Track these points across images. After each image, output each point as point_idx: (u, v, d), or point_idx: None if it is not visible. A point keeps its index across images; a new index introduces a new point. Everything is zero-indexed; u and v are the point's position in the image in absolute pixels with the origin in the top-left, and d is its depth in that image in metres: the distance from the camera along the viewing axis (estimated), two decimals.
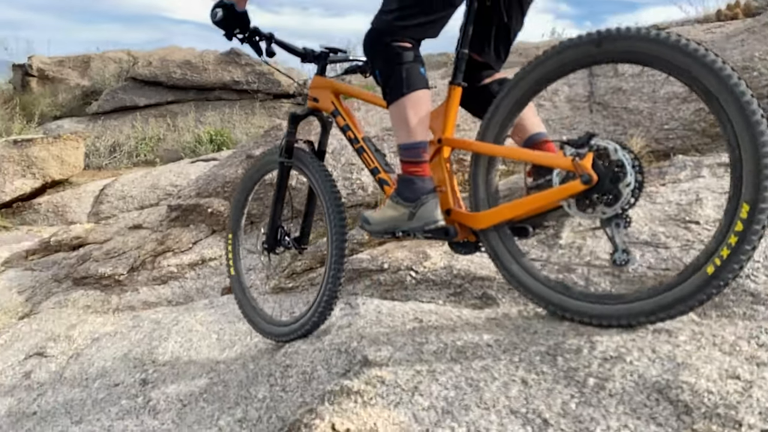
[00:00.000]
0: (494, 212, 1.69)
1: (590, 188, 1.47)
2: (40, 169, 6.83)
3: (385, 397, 1.49)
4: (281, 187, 2.32)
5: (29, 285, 4.33)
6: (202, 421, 1.86)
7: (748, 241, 1.31)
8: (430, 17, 1.70)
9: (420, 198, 1.71)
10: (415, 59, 1.74)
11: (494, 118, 1.70)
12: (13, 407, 2.60)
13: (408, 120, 1.72)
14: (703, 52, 1.34)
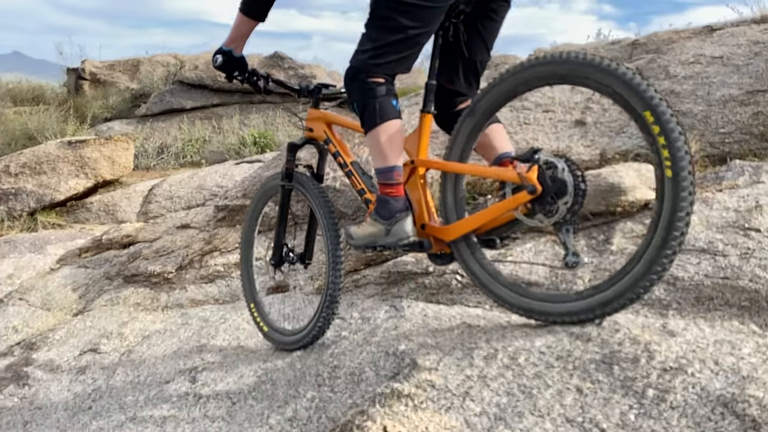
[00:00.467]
0: (461, 224, 1.87)
1: (536, 197, 1.62)
2: (93, 169, 7.07)
3: (436, 401, 1.49)
4: (284, 208, 2.50)
5: (83, 282, 4.47)
6: (252, 419, 1.89)
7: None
8: (400, 55, 1.88)
9: (394, 216, 1.89)
10: (388, 93, 1.91)
11: (457, 140, 1.89)
12: (69, 402, 2.70)
13: (382, 147, 1.89)
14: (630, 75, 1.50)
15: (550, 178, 1.62)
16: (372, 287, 2.95)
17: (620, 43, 5.06)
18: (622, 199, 2.62)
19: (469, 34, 1.95)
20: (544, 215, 1.65)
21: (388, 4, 1.84)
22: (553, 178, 1.61)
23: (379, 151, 1.91)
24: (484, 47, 2.01)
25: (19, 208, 6.65)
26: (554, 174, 1.61)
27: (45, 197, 6.76)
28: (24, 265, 5.01)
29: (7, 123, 9.22)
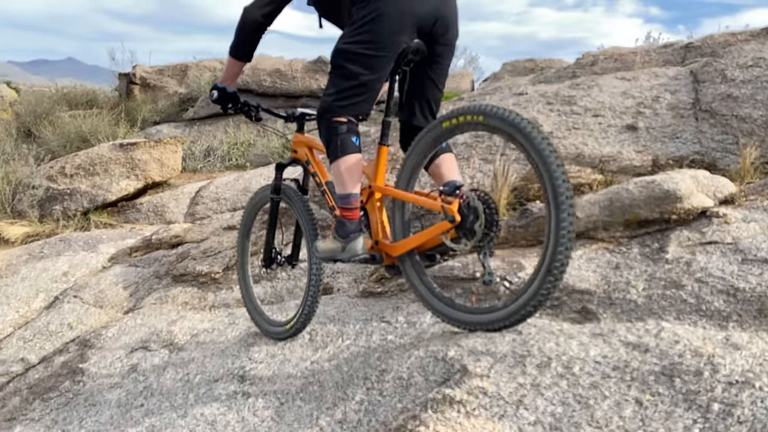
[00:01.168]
0: (404, 243, 2.19)
1: (457, 225, 1.92)
2: (143, 171, 7.28)
3: (489, 408, 1.47)
4: (273, 217, 2.88)
5: (133, 281, 4.60)
6: (301, 419, 1.90)
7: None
8: (357, 99, 2.20)
9: (349, 236, 2.22)
10: (349, 131, 2.22)
11: (403, 173, 2.21)
12: (122, 398, 2.77)
13: (342, 177, 2.21)
14: (520, 121, 1.82)
15: (468, 210, 1.91)
16: None
17: (672, 47, 4.94)
18: (678, 206, 2.55)
19: (420, 78, 2.28)
20: (466, 240, 1.94)
21: (342, 55, 2.18)
22: (470, 211, 1.91)
23: (339, 180, 2.22)
24: (435, 87, 2.35)
25: (74, 208, 6.90)
26: (471, 207, 1.91)
27: (98, 197, 7.00)
28: (78, 263, 5.18)
29: (62, 126, 9.58)
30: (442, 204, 1.98)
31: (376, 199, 2.32)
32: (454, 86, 10.68)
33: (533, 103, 4.19)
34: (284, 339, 2.70)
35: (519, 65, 9.82)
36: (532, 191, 3.43)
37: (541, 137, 1.77)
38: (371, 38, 2.10)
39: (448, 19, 2.20)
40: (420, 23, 2.13)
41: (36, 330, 4.07)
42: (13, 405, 3.15)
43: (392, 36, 2.09)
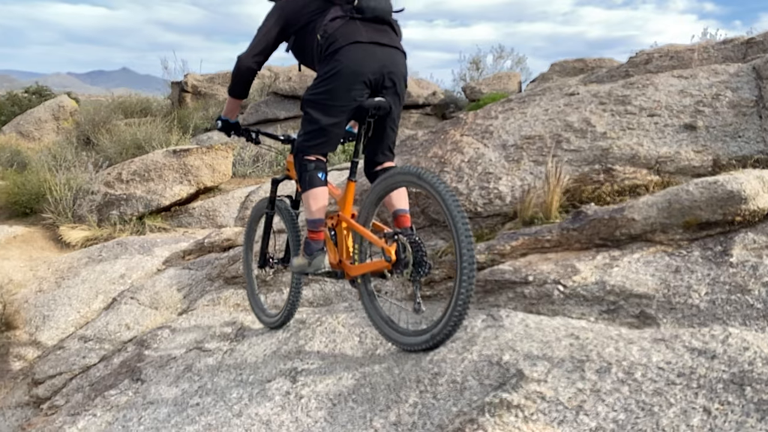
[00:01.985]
0: (358, 267, 2.63)
1: (393, 263, 2.36)
2: (195, 177, 7.48)
3: (547, 413, 1.44)
4: (267, 227, 3.31)
5: (186, 283, 4.72)
6: (354, 421, 1.91)
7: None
8: (321, 140, 2.64)
9: (314, 254, 2.67)
10: (316, 168, 2.67)
11: (362, 210, 2.65)
12: (178, 397, 2.84)
13: (309, 206, 2.66)
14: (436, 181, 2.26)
15: (403, 253, 2.34)
16: None
17: (732, 43, 4.75)
18: (743, 207, 2.45)
19: (382, 126, 2.70)
20: (399, 275, 2.38)
21: (307, 104, 2.63)
22: (403, 253, 2.34)
23: (307, 208, 2.68)
24: (392, 130, 2.77)
25: (130, 213, 7.14)
26: (404, 250, 2.34)
27: (152, 202, 7.22)
28: (134, 266, 5.36)
29: (119, 134, 9.94)
30: (383, 246, 2.41)
31: (344, 227, 2.73)
32: (501, 88, 10.56)
33: (585, 104, 4.09)
34: (275, 328, 3.27)
35: (568, 65, 9.63)
36: (586, 193, 3.35)
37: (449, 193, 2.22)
38: (329, 90, 2.55)
39: (395, 74, 2.60)
40: (370, 78, 2.54)
41: (96, 330, 4.22)
42: (76, 401, 3.27)
43: (346, 89, 2.53)
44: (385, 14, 2.65)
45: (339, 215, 2.75)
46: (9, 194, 7.92)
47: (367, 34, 2.57)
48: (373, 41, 2.56)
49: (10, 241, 6.82)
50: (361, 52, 2.52)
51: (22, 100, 15.46)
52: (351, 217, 2.71)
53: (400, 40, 2.72)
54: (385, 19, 2.66)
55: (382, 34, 2.62)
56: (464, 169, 3.91)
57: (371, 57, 2.53)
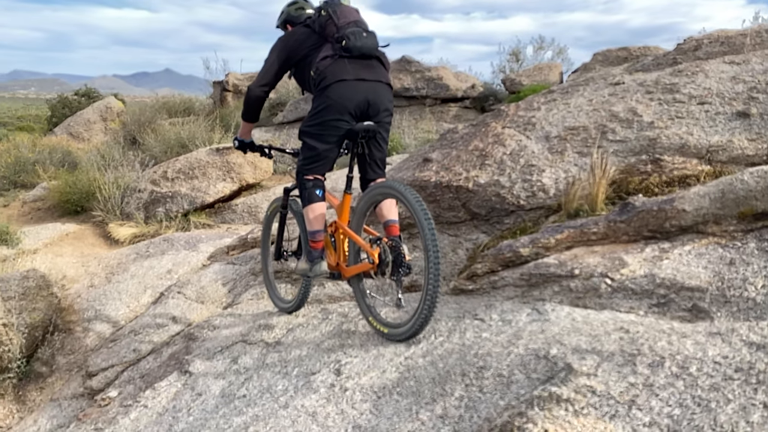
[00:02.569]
0: (352, 268, 3.00)
1: (376, 265, 2.75)
2: (237, 174, 7.62)
3: (599, 408, 1.41)
4: (282, 224, 3.69)
5: (231, 278, 4.81)
6: (400, 413, 1.91)
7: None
8: (318, 164, 3.04)
9: (314, 260, 3.06)
10: (314, 186, 3.05)
11: (354, 218, 3.05)
12: (225, 389, 2.89)
13: (309, 219, 3.06)
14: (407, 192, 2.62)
15: (384, 256, 2.72)
16: (511, 289, 2.88)
17: None
18: None
19: (371, 146, 3.06)
20: (381, 275, 2.75)
21: (304, 134, 3.05)
22: (385, 256, 2.72)
23: (308, 221, 3.07)
24: (381, 149, 3.11)
25: (175, 210, 7.32)
26: (385, 253, 2.71)
27: (197, 199, 7.38)
28: (180, 261, 5.49)
29: (163, 133, 10.19)
30: (368, 250, 2.82)
31: (340, 233, 3.11)
32: (542, 79, 10.38)
33: (631, 93, 3.99)
34: (289, 312, 3.63)
35: (611, 54, 9.38)
36: (633, 184, 3.26)
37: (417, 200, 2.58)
38: (320, 122, 2.95)
39: (378, 103, 2.96)
40: (356, 108, 2.92)
41: (145, 323, 4.35)
42: (128, 392, 3.38)
43: (335, 120, 2.91)
44: (370, 51, 2.99)
45: (336, 223, 3.14)
46: (61, 193, 8.22)
47: (354, 71, 2.93)
48: (358, 78, 2.92)
49: (62, 238, 7.09)
50: (347, 89, 2.90)
51: (72, 103, 16.02)
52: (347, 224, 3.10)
53: (387, 71, 3.11)
54: (372, 55, 3.01)
55: (367, 69, 2.97)
56: (506, 162, 3.86)
57: (355, 92, 2.91)
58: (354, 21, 3.04)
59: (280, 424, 2.20)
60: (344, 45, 2.92)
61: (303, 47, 3.08)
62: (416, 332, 2.57)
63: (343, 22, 3.00)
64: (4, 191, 9.72)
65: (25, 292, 4.27)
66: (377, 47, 3.05)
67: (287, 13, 3.39)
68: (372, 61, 3.02)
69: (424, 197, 4.22)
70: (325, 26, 3.03)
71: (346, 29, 2.97)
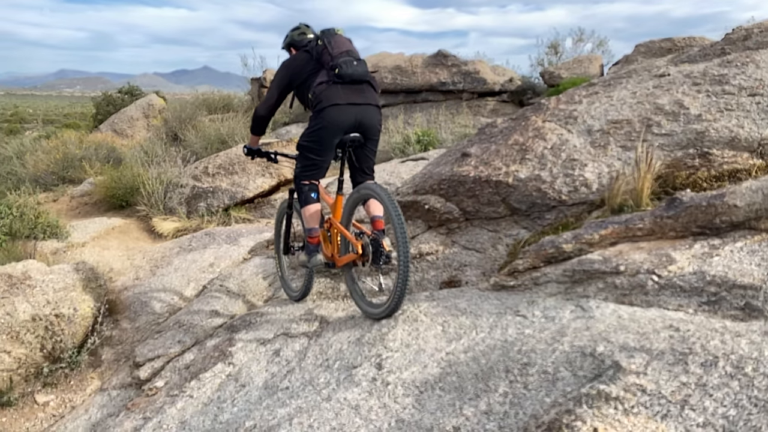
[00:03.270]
0: (342, 258, 3.42)
1: (360, 255, 3.20)
2: (276, 169, 7.71)
3: (649, 407, 1.38)
4: (288, 222, 4.12)
5: (271, 271, 4.89)
6: (443, 408, 1.91)
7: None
8: (313, 171, 3.49)
9: (311, 253, 3.52)
10: (309, 189, 3.50)
11: (343, 215, 3.50)
12: (268, 381, 2.95)
13: (305, 218, 3.52)
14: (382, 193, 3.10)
15: (366, 248, 3.18)
16: (553, 285, 2.85)
17: None
18: None
19: (359, 155, 3.51)
20: (363, 264, 3.22)
21: (302, 147, 3.47)
22: (365, 248, 3.18)
23: (305, 220, 3.54)
24: (368, 158, 3.56)
25: (216, 204, 7.45)
26: (366, 246, 3.18)
27: (237, 194, 7.51)
28: (222, 255, 5.60)
29: (203, 129, 10.39)
30: (353, 242, 3.27)
31: (334, 229, 3.53)
32: (582, 72, 10.18)
33: (677, 85, 3.88)
34: (297, 300, 4.07)
35: (654, 46, 9.14)
36: (679, 179, 3.18)
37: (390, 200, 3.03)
38: (316, 139, 3.37)
39: (366, 123, 3.37)
40: (346, 128, 3.33)
41: (189, 315, 4.45)
42: (174, 383, 3.47)
43: (328, 138, 3.34)
44: (360, 77, 3.36)
45: (330, 219, 3.59)
46: (107, 188, 8.47)
47: (345, 95, 3.32)
48: (349, 102, 3.32)
49: (109, 232, 7.31)
50: (339, 112, 3.30)
51: (116, 100, 16.47)
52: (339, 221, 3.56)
53: (376, 93, 3.50)
54: (362, 80, 3.37)
55: (357, 93, 3.35)
56: (547, 156, 3.81)
57: (347, 115, 3.31)
58: (346, 51, 3.42)
59: (324, 416, 2.23)
60: (337, 73, 3.31)
61: (303, 72, 3.51)
62: (392, 311, 3.06)
63: (336, 52, 3.39)
64: (53, 186, 10.08)
65: (75, 284, 4.42)
66: (367, 73, 3.41)
67: (291, 37, 3.77)
68: (362, 85, 3.39)
69: (463, 192, 4.20)
70: (321, 54, 3.43)
71: (339, 58, 3.35)
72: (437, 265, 4.12)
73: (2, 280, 4.22)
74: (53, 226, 6.57)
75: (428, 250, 4.36)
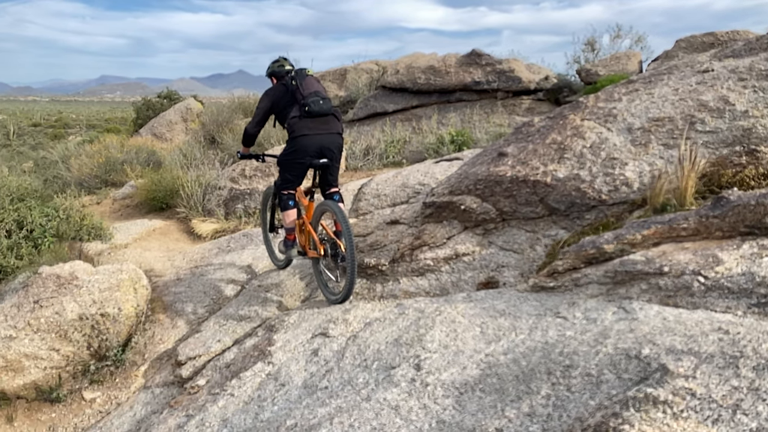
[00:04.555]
0: (311, 253, 4.39)
1: (321, 253, 4.16)
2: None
3: (699, 411, 1.35)
4: (273, 207, 5.05)
5: (307, 272, 4.94)
6: (484, 410, 1.90)
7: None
8: (290, 184, 4.42)
9: (288, 247, 4.49)
10: (288, 197, 4.43)
11: (313, 218, 4.38)
12: (307, 380, 2.98)
13: (284, 220, 4.44)
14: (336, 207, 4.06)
15: (325, 250, 4.13)
16: (594, 287, 2.80)
17: None
18: None
19: (325, 173, 4.43)
20: (325, 260, 4.17)
21: (281, 165, 4.42)
22: (326, 248, 4.12)
23: (284, 221, 4.46)
24: (333, 173, 4.46)
25: (253, 206, 7.56)
26: (326, 248, 4.12)
27: None
28: (259, 256, 5.67)
29: (240, 132, 10.53)
30: (317, 243, 4.22)
31: (307, 228, 4.41)
32: (620, 69, 9.99)
33: (721, 80, 3.78)
34: (281, 268, 5.11)
35: (695, 40, 8.90)
36: (725, 177, 3.10)
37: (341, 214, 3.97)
38: (290, 160, 4.33)
39: (329, 147, 4.26)
40: (314, 152, 4.24)
41: (228, 315, 4.53)
42: (215, 381, 3.53)
43: (299, 158, 4.27)
44: (325, 112, 4.24)
45: (304, 218, 4.51)
46: (147, 191, 8.68)
47: (313, 126, 4.21)
48: (315, 132, 4.21)
49: (150, 234, 7.49)
50: (307, 140, 4.21)
51: (155, 105, 16.87)
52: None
53: (339, 122, 4.35)
54: (327, 114, 4.25)
55: (323, 124, 4.24)
56: (586, 155, 3.75)
57: (313, 142, 4.22)
58: (314, 91, 4.28)
59: (364, 416, 2.25)
60: (307, 110, 4.18)
61: (281, 102, 4.39)
62: (345, 298, 3.97)
63: (306, 92, 4.25)
64: (96, 189, 10.38)
65: (119, 284, 4.54)
66: (330, 109, 4.29)
67: (272, 68, 4.60)
68: (327, 117, 4.27)
69: (500, 192, 4.17)
70: (294, 92, 4.29)
71: (308, 98, 4.21)
72: (474, 266, 4.10)
73: (51, 280, 4.37)
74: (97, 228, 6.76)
75: (464, 251, 4.34)
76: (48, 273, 4.45)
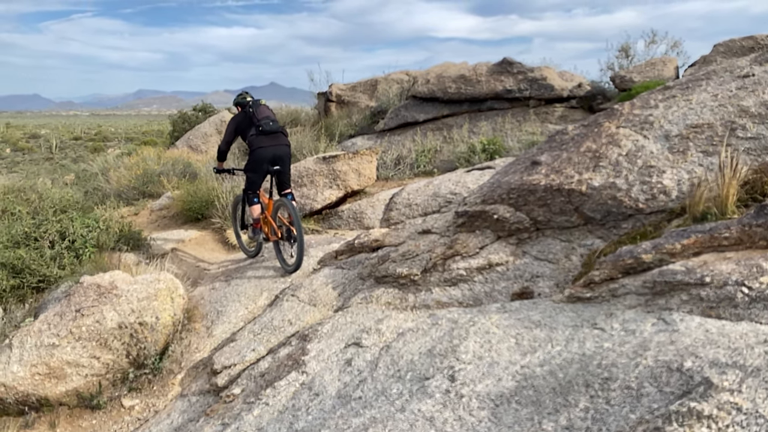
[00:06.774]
0: (272, 237, 5.92)
1: (279, 237, 5.85)
2: (343, 181, 7.83)
3: (745, 426, 1.31)
4: (243, 208, 6.42)
5: (340, 282, 4.96)
6: (521, 423, 1.88)
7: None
8: (254, 187, 5.95)
9: (255, 233, 6.12)
10: (252, 196, 5.99)
11: (273, 212, 5.92)
12: (341, 390, 2.98)
13: (250, 213, 6.04)
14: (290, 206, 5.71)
15: (281, 234, 5.77)
16: (633, 297, 2.74)
17: None
18: None
19: (280, 178, 5.87)
20: (282, 240, 5.80)
21: (245, 170, 5.90)
22: (282, 232, 5.76)
23: (252, 214, 5.98)
24: (286, 176, 5.88)
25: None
26: (282, 232, 5.76)
27: (305, 206, 7.67)
28: None
29: None
30: (275, 229, 5.78)
31: (269, 219, 5.81)
32: (656, 75, 9.80)
33: (763, 85, 3.68)
34: (252, 257, 6.48)
35: (734, 45, 8.69)
36: (765, 187, 3.00)
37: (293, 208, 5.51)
38: (252, 168, 5.77)
39: (279, 157, 5.74)
40: (269, 160, 5.70)
41: (262, 324, 4.58)
42: (250, 390, 3.57)
43: (258, 166, 5.73)
44: (274, 131, 5.71)
45: (266, 213, 5.90)
46: (183, 202, 8.86)
47: (267, 140, 5.69)
48: (269, 145, 5.69)
49: (185, 244, 7.63)
50: (263, 152, 5.68)
51: (191, 117, 17.23)
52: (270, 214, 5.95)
53: (286, 137, 5.88)
54: (276, 132, 5.72)
55: (274, 139, 5.73)
56: (622, 163, 3.69)
57: (267, 152, 5.69)
58: (266, 116, 5.81)
59: (398, 427, 2.24)
60: (260, 130, 5.66)
61: (243, 125, 5.89)
62: (296, 269, 5.50)
63: (260, 117, 5.78)
64: (134, 200, 10.64)
65: (157, 293, 4.64)
66: (278, 128, 5.75)
67: (237, 100, 6.16)
68: (277, 134, 5.75)
69: (534, 201, 4.13)
70: (251, 117, 5.79)
71: (261, 121, 5.70)
72: (507, 276, 4.06)
73: (92, 289, 4.49)
74: (136, 239, 6.92)
75: (498, 261, 4.30)
76: (89, 282, 4.58)
